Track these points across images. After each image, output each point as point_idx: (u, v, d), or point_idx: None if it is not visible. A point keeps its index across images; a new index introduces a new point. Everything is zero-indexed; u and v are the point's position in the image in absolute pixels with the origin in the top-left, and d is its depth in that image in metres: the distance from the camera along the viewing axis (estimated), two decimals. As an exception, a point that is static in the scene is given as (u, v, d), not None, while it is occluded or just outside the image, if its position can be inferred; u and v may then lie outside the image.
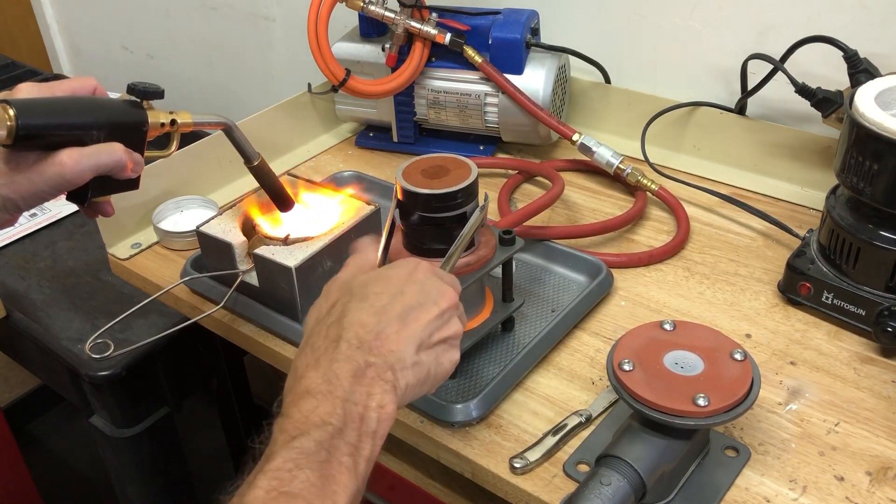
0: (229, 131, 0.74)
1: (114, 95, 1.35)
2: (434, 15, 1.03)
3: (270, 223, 0.84)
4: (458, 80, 1.06)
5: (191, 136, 1.27)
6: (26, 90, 0.64)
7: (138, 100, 0.68)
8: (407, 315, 0.56)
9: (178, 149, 0.73)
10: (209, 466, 1.71)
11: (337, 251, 0.82)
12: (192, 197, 1.01)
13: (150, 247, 0.97)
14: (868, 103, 0.73)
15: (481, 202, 0.68)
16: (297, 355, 0.55)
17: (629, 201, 1.00)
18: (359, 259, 0.62)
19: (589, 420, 0.70)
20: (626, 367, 0.62)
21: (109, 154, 0.64)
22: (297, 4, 1.41)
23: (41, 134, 0.61)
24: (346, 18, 1.09)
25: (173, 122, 0.69)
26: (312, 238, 0.81)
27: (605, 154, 0.99)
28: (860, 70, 0.85)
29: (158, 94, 0.68)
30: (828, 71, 0.91)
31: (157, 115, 0.68)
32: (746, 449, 0.67)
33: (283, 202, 0.81)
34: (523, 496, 0.65)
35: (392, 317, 0.55)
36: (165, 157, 0.73)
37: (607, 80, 1.12)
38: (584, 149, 1.00)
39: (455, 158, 0.74)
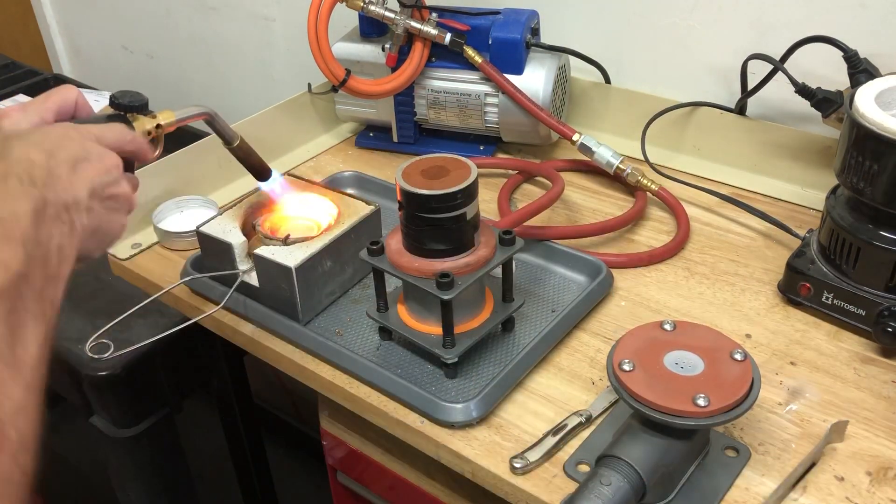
0: (211, 120, 0.74)
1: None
2: (434, 15, 1.03)
3: (270, 223, 0.84)
4: (458, 80, 1.06)
5: (190, 136, 1.27)
6: (15, 117, 0.62)
7: (122, 113, 0.66)
8: (76, 162, 0.54)
9: (164, 150, 0.72)
10: (209, 466, 1.71)
11: (337, 251, 0.82)
12: (192, 197, 1.01)
13: (150, 247, 0.97)
14: (868, 103, 0.73)
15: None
16: None
17: (629, 201, 1.00)
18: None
19: (589, 420, 0.70)
20: (626, 367, 0.62)
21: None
22: (297, 4, 1.41)
23: None
24: (346, 18, 1.09)
25: (158, 126, 0.68)
26: (312, 238, 0.81)
27: (605, 154, 0.99)
28: (860, 70, 0.85)
29: (143, 106, 0.67)
30: (828, 71, 0.91)
31: (143, 123, 0.67)
32: (746, 449, 0.67)
33: (261, 173, 0.81)
34: (523, 496, 0.65)
35: (61, 159, 0.53)
36: (154, 161, 0.72)
37: (607, 80, 1.12)
38: (584, 149, 1.00)
39: (455, 159, 0.74)
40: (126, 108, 0.66)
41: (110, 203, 0.57)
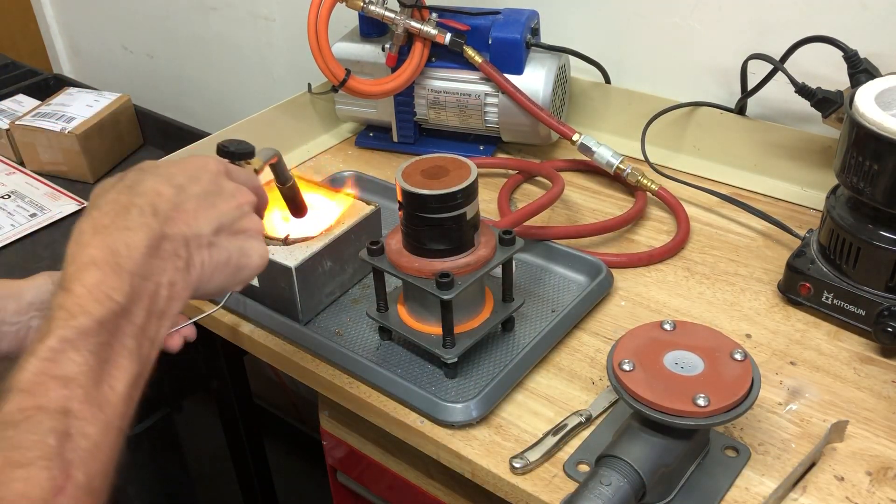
0: (277, 161, 0.71)
1: (112, 96, 1.34)
2: (434, 15, 1.03)
3: (272, 221, 0.84)
4: (458, 80, 1.06)
5: (190, 137, 1.27)
6: None
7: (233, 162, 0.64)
8: (206, 197, 0.53)
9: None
10: (209, 466, 1.71)
11: (337, 251, 0.82)
12: (192, 197, 1.01)
13: (150, 247, 0.97)
14: (868, 103, 0.73)
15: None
16: (80, 221, 0.49)
17: (629, 201, 1.00)
18: None
19: (589, 420, 0.70)
20: (626, 367, 0.62)
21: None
22: (297, 4, 1.41)
23: None
24: (346, 18, 1.09)
25: (255, 171, 0.65)
26: (312, 238, 0.81)
27: (605, 154, 0.99)
28: (860, 70, 0.85)
29: (251, 154, 0.65)
30: (828, 71, 0.91)
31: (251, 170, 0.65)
32: (746, 449, 0.67)
33: (301, 212, 0.78)
34: (523, 496, 0.65)
35: (191, 194, 0.52)
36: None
37: (607, 80, 1.12)
38: (584, 149, 1.00)
39: (455, 158, 0.74)
40: (238, 156, 0.63)
41: (243, 237, 0.56)
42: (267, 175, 0.77)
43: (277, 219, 0.85)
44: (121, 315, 0.46)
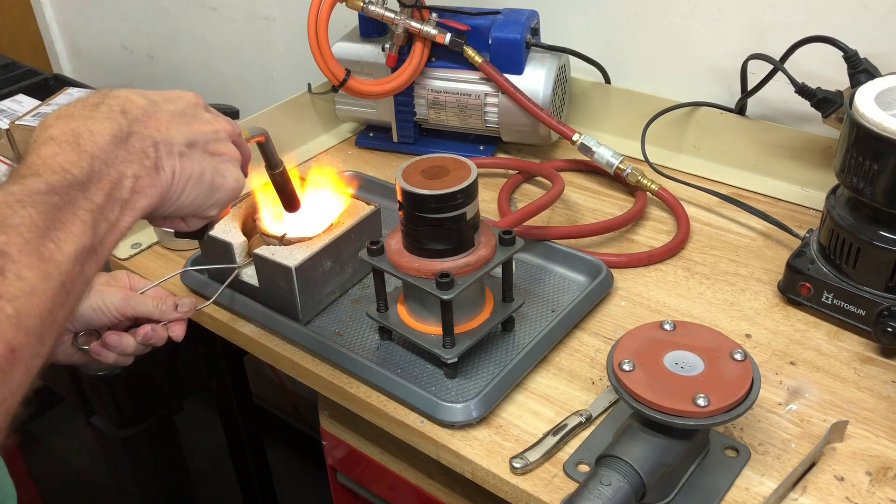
0: (265, 143, 0.72)
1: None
2: (434, 15, 1.03)
3: (272, 218, 0.84)
4: (458, 80, 1.06)
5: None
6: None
7: None
8: (180, 115, 0.54)
9: None
10: (209, 466, 1.71)
11: (337, 251, 0.82)
12: (192, 197, 1.01)
13: (150, 247, 0.97)
14: (868, 103, 0.73)
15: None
16: (47, 116, 0.50)
17: (629, 201, 1.00)
18: None
19: (589, 420, 0.70)
20: (626, 367, 0.62)
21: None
22: (297, 4, 1.41)
23: None
24: (346, 18, 1.09)
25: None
26: (310, 238, 0.81)
27: (605, 154, 0.99)
28: (860, 70, 0.85)
29: (233, 114, 0.65)
30: (828, 71, 0.91)
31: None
32: (746, 449, 0.67)
33: (293, 205, 0.79)
34: (523, 496, 0.65)
35: (164, 109, 0.53)
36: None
37: (607, 80, 1.12)
38: (584, 149, 1.00)
39: (455, 158, 0.74)
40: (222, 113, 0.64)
41: (219, 158, 0.56)
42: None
43: (273, 218, 0.85)
44: (76, 188, 0.46)
